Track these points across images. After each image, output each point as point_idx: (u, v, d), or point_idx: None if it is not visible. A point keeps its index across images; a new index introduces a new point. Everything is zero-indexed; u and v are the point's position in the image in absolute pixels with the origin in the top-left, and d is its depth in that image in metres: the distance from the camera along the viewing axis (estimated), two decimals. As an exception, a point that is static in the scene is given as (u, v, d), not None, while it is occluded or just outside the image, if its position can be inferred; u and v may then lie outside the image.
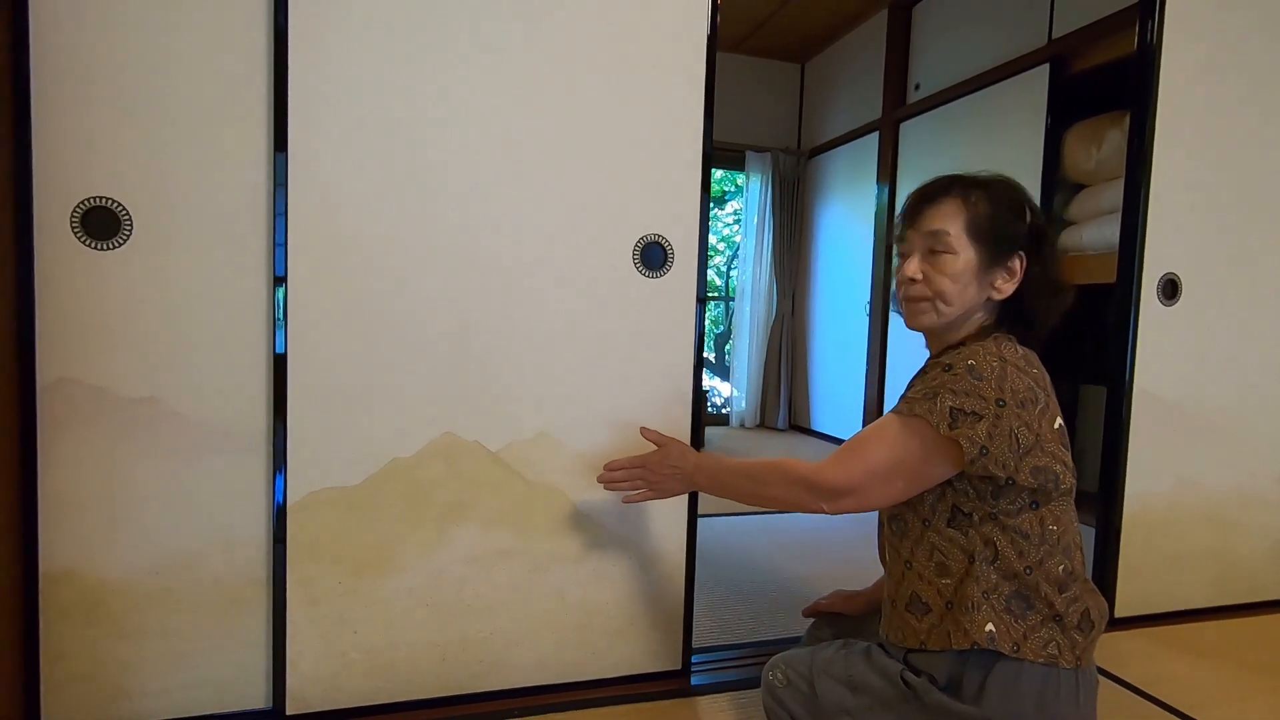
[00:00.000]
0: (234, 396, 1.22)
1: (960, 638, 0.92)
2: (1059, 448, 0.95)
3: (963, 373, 0.92)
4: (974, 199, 1.00)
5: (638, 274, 1.39)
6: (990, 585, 0.93)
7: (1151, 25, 1.72)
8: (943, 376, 0.94)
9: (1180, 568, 1.87)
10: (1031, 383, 0.94)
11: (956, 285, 1.00)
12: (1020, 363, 0.95)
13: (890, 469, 0.95)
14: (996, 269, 1.00)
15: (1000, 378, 0.92)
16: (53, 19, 1.11)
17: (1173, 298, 1.79)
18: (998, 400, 0.91)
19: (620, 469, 1.21)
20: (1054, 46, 2.90)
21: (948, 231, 1.00)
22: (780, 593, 1.97)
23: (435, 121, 1.27)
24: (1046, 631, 0.92)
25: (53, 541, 1.16)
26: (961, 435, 0.90)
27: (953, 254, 1.00)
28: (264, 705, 1.27)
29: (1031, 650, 0.91)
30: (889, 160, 3.90)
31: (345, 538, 1.27)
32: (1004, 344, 0.97)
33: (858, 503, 0.97)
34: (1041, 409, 0.94)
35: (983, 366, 0.93)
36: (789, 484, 1.02)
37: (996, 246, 0.99)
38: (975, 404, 0.91)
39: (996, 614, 0.92)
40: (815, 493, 0.99)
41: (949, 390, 0.92)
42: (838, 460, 0.99)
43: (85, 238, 1.15)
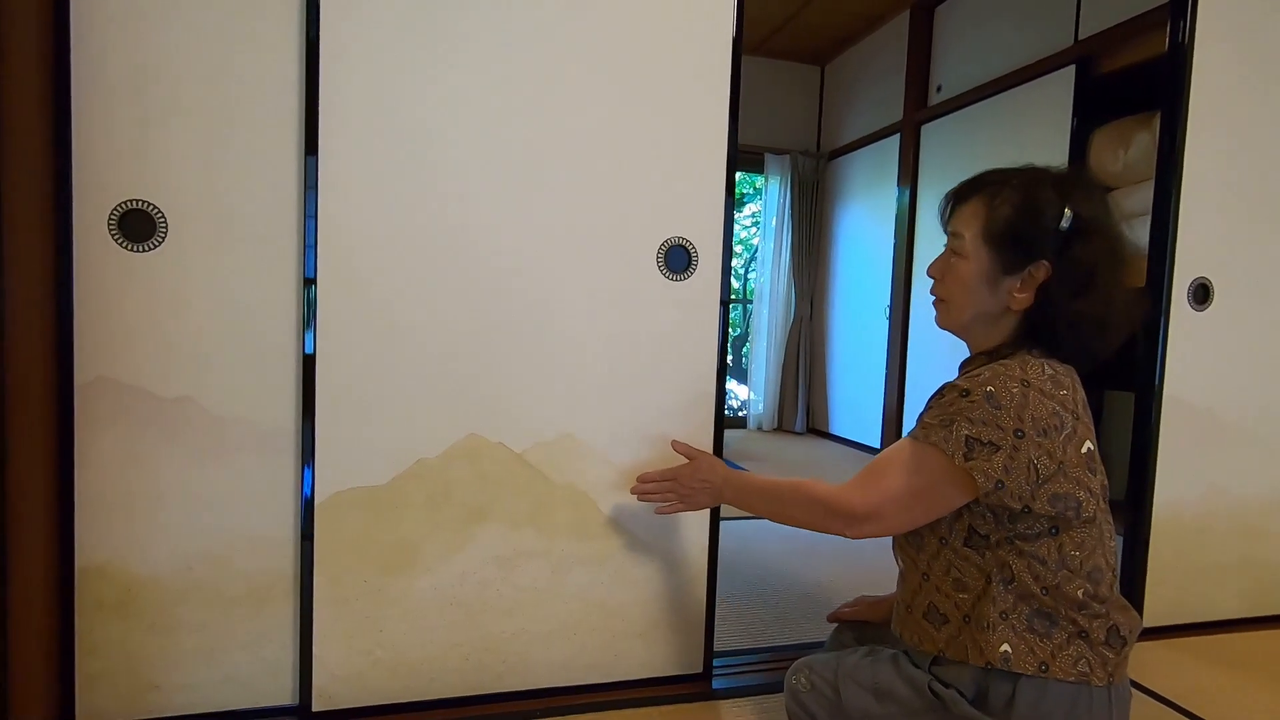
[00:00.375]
0: (264, 396, 1.24)
1: (975, 654, 0.91)
2: (1084, 473, 0.90)
3: (980, 400, 0.88)
4: (999, 200, 0.95)
5: (661, 277, 1.39)
6: (1008, 606, 0.90)
7: (1183, 24, 1.69)
8: (960, 403, 0.89)
9: (1210, 577, 1.83)
10: (1057, 407, 0.89)
11: (964, 291, 0.97)
12: (1046, 385, 0.90)
13: (907, 496, 0.93)
14: (1012, 277, 0.94)
15: (1020, 405, 0.87)
16: (92, 29, 1.13)
17: (1204, 302, 1.76)
18: (1016, 430, 0.87)
19: (652, 481, 1.22)
20: (1081, 47, 2.87)
21: (962, 235, 0.97)
22: (802, 597, 1.96)
23: (460, 126, 1.28)
24: (1075, 649, 0.89)
25: (89, 536, 1.19)
26: (976, 468, 0.87)
27: (964, 259, 0.97)
28: (290, 701, 1.29)
29: (1061, 669, 0.88)
30: (910, 162, 3.88)
31: (371, 537, 1.28)
32: (1030, 364, 0.91)
33: (877, 528, 0.96)
34: (1067, 435, 0.89)
35: (1001, 393, 0.88)
36: (810, 506, 1.01)
37: (1011, 253, 0.93)
38: (992, 434, 0.87)
39: (1017, 634, 0.89)
40: (834, 516, 0.98)
41: (965, 419, 0.88)
42: (857, 485, 0.97)
43: (122, 240, 1.17)
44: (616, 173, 1.35)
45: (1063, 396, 0.90)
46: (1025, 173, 0.96)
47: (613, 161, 1.35)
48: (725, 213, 1.41)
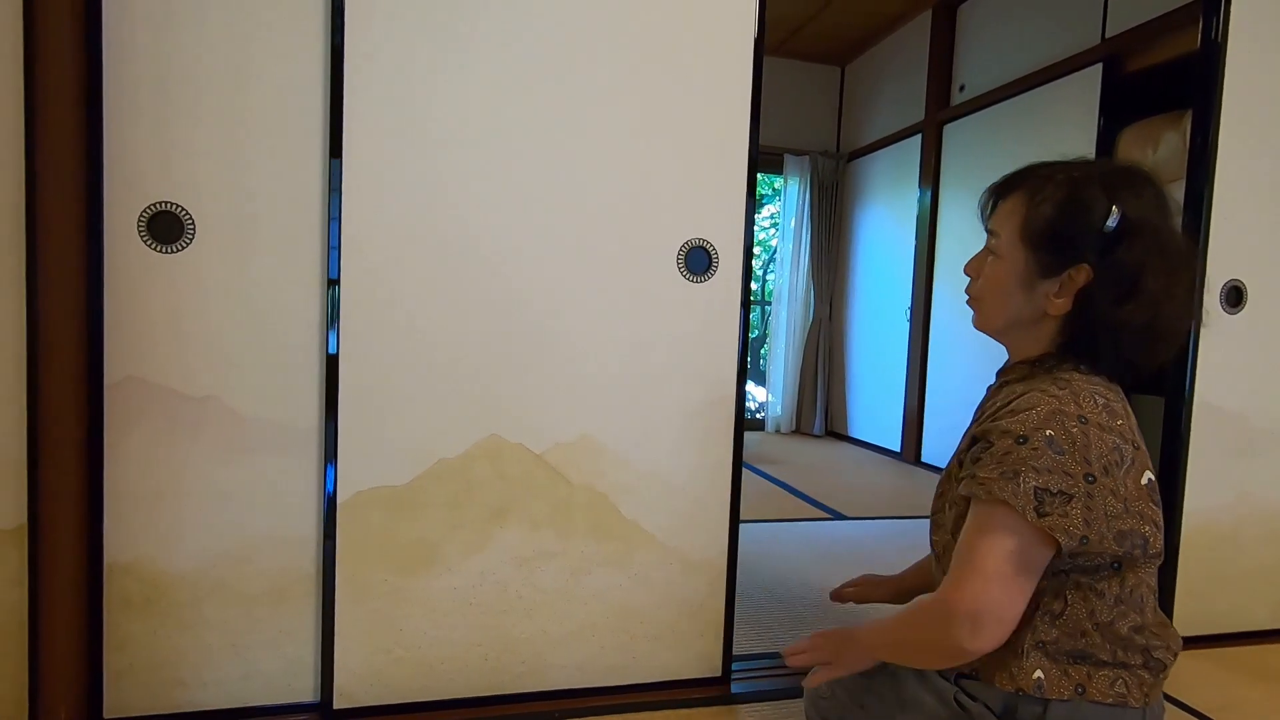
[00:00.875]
0: (288, 396, 1.25)
1: (1005, 679, 0.87)
2: (1148, 505, 0.83)
3: (1042, 446, 0.79)
4: (1041, 197, 0.88)
5: (682, 278, 1.38)
6: (1049, 639, 0.85)
7: (1216, 21, 1.66)
8: (1020, 450, 0.80)
9: (1242, 587, 1.79)
10: (1117, 440, 0.81)
11: (998, 293, 0.91)
12: (1102, 417, 0.82)
13: (1003, 568, 0.80)
14: (1049, 280, 0.87)
15: (1084, 447, 0.79)
16: (123, 36, 1.15)
17: (1237, 305, 1.72)
18: (1086, 476, 0.79)
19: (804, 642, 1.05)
20: (1108, 45, 2.82)
21: (999, 234, 0.91)
22: (822, 602, 1.94)
23: (481, 129, 1.28)
24: (1112, 672, 0.86)
25: (117, 534, 1.21)
26: (1055, 525, 0.78)
27: (1000, 259, 0.91)
28: (312, 699, 1.30)
29: (1099, 691, 0.85)
30: (932, 163, 3.84)
31: (392, 536, 1.29)
32: (1082, 393, 0.83)
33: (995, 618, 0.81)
34: (1128, 467, 0.81)
35: (1061, 436, 0.80)
36: (922, 616, 0.87)
37: (1049, 254, 0.86)
38: (1062, 482, 0.78)
39: (1054, 661, 0.85)
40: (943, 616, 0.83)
41: (1031, 468, 0.79)
42: (951, 581, 0.84)
43: (151, 241, 1.19)
44: (637, 174, 1.35)
45: (1120, 427, 0.83)
46: (1073, 167, 0.89)
47: (633, 163, 1.35)
48: (746, 214, 1.40)
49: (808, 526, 2.70)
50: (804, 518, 2.84)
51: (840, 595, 1.27)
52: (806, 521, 2.78)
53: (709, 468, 1.42)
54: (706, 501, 1.42)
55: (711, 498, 1.43)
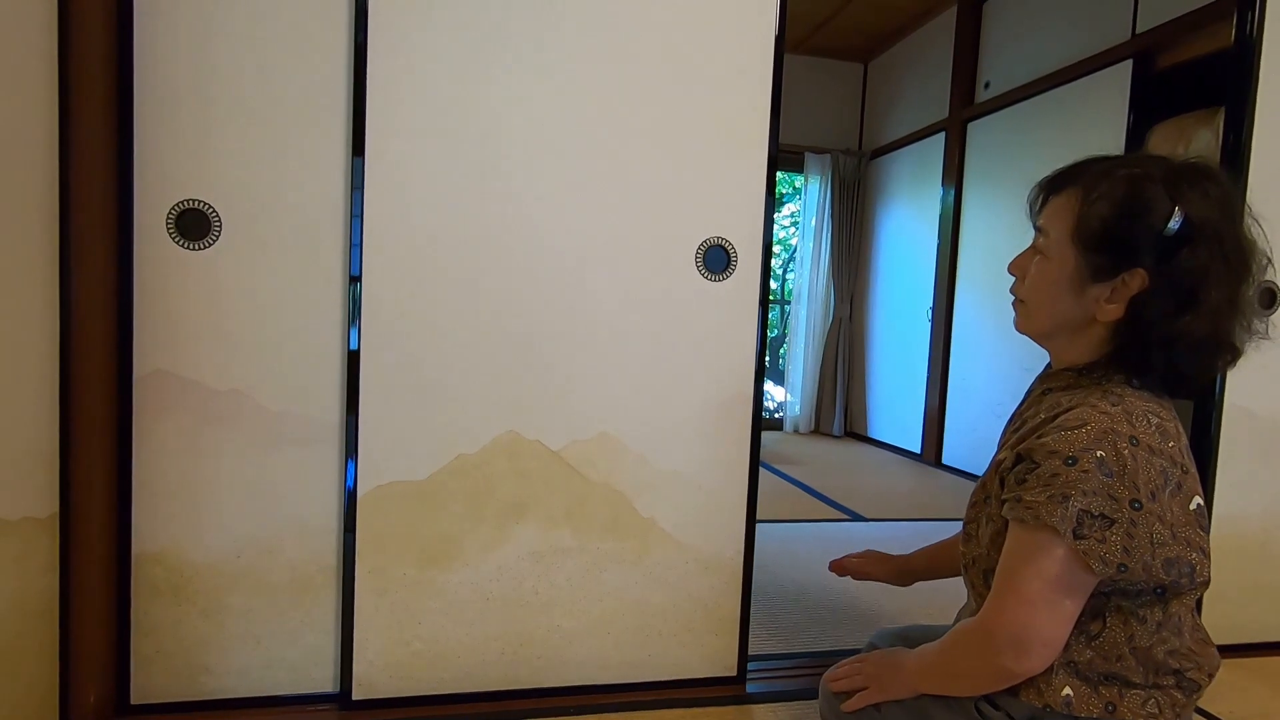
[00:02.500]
0: (310, 390, 1.27)
1: (1033, 695, 0.84)
2: (1195, 532, 0.79)
3: (1093, 470, 0.75)
4: (1096, 194, 0.81)
5: (700, 277, 1.38)
6: (1082, 660, 0.82)
7: (1251, 16, 1.62)
8: (1069, 473, 0.76)
9: (1274, 596, 1.75)
10: (1165, 464, 0.77)
11: (1044, 296, 0.86)
12: (1155, 439, 0.78)
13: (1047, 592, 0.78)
14: (1100, 285, 0.81)
15: (1134, 471, 0.75)
16: (154, 36, 1.18)
17: (1270, 307, 1.68)
18: (1132, 502, 0.75)
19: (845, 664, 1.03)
20: (1138, 42, 2.77)
21: (1048, 233, 0.85)
22: (838, 603, 1.93)
23: (501, 127, 1.29)
24: (1144, 691, 0.83)
25: (145, 524, 1.23)
26: (1090, 551, 0.75)
27: (1048, 259, 0.85)
28: (332, 689, 1.32)
29: (1130, 710, 0.82)
30: (955, 162, 3.79)
31: (411, 530, 1.30)
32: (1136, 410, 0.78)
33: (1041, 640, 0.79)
34: (1173, 490, 0.78)
35: (1112, 458, 0.75)
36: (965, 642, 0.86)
37: (1102, 257, 0.81)
38: (1105, 505, 0.75)
39: (1083, 680, 0.82)
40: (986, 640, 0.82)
41: (1080, 491, 0.75)
42: (992, 602, 0.83)
43: (179, 238, 1.21)
44: (656, 172, 1.35)
45: (1170, 449, 0.79)
46: (1133, 163, 0.83)
47: (652, 160, 1.35)
48: (765, 213, 1.40)
49: (826, 527, 2.69)
50: (822, 518, 2.83)
51: (840, 566, 1.25)
52: (825, 522, 2.77)
53: (726, 466, 1.42)
54: (723, 500, 1.42)
55: (728, 497, 1.42)
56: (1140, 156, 0.85)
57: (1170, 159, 0.82)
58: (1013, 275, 0.92)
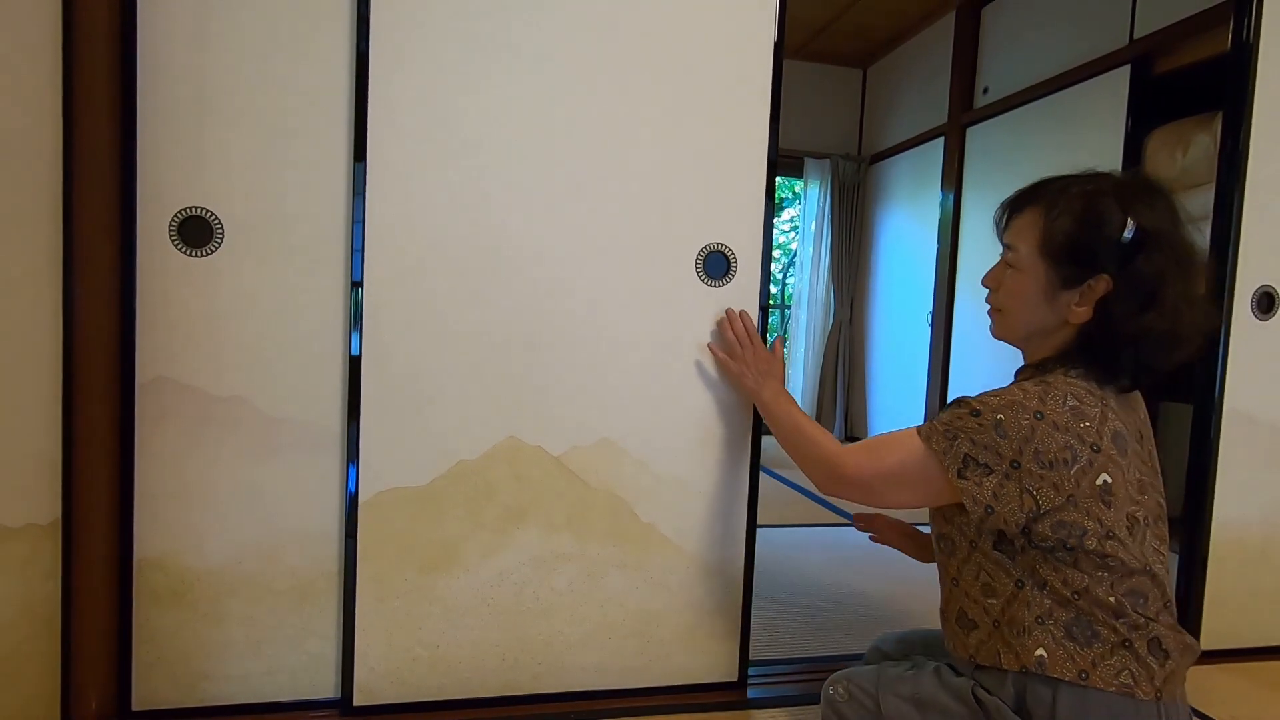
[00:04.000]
0: (311, 397, 1.27)
1: (1010, 659, 0.90)
2: (1096, 504, 0.86)
3: (989, 426, 0.88)
4: (1057, 211, 0.92)
5: (700, 283, 1.39)
6: (1044, 611, 0.88)
7: (1248, 22, 1.63)
8: (969, 421, 0.89)
9: (1274, 601, 1.75)
10: (1070, 440, 0.86)
11: (1019, 305, 0.96)
12: (1064, 418, 0.86)
13: (900, 479, 0.96)
14: (1070, 291, 0.91)
15: (1026, 439, 0.86)
16: (157, 45, 1.19)
17: (1269, 311, 1.68)
18: (1013, 461, 0.87)
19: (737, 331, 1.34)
20: (1136, 46, 2.78)
21: (1016, 248, 0.95)
22: (839, 608, 1.93)
23: (503, 133, 1.30)
24: (1118, 659, 0.86)
25: (147, 530, 1.24)
26: (966, 490, 0.89)
27: (1020, 272, 0.95)
28: (333, 695, 1.32)
29: (1102, 678, 0.86)
30: (955, 166, 3.80)
31: (412, 536, 1.31)
32: (1054, 392, 0.88)
33: (865, 499, 1.00)
34: (1081, 468, 0.86)
35: (1010, 424, 0.87)
36: (815, 453, 1.06)
37: (1069, 267, 0.90)
38: (989, 458, 0.87)
39: (1055, 640, 0.87)
40: (830, 475, 1.03)
41: (969, 439, 0.89)
42: (857, 453, 1.00)
43: (181, 245, 1.22)
44: (656, 178, 1.36)
45: (1083, 429, 0.87)
46: (1085, 180, 0.93)
47: (652, 167, 1.36)
48: (765, 219, 1.40)
49: (826, 532, 2.69)
50: (823, 523, 2.83)
51: (866, 521, 1.33)
52: (825, 527, 2.76)
53: (727, 472, 1.42)
54: (724, 505, 1.43)
55: (729, 502, 1.43)
56: (1092, 174, 0.93)
57: (1116, 175, 0.93)
58: (987, 288, 1.02)
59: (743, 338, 1.33)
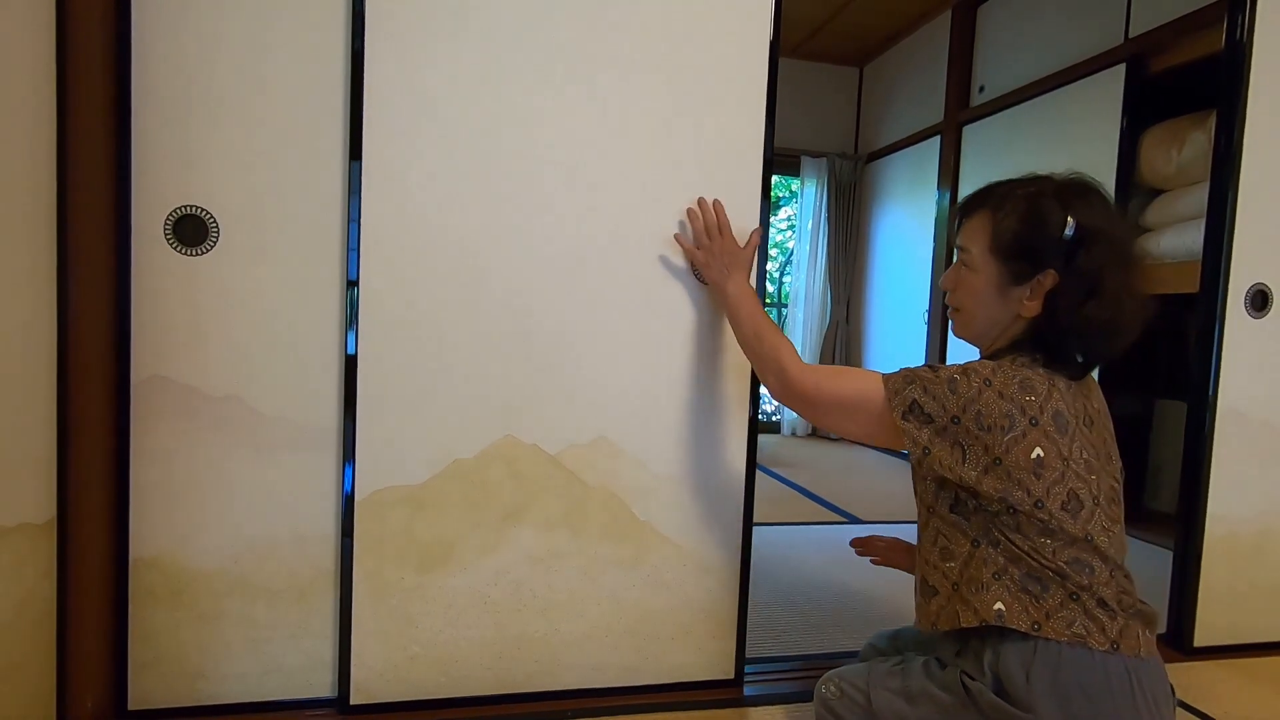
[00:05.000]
0: (308, 396, 1.27)
1: (969, 615, 0.93)
2: (1028, 477, 0.91)
3: (943, 381, 0.95)
4: (1004, 213, 0.98)
5: (697, 281, 1.39)
6: (999, 567, 0.93)
7: (1242, 20, 1.63)
8: (927, 374, 0.97)
9: (1268, 598, 1.76)
10: (1011, 408, 0.92)
11: (975, 302, 1.02)
12: (1010, 388, 0.93)
13: (850, 408, 1.01)
14: (1021, 286, 0.98)
15: (971, 400, 0.93)
16: (151, 43, 1.18)
17: (1263, 309, 1.69)
18: (954, 417, 0.94)
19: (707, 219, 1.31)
20: (1131, 45, 2.78)
21: (969, 250, 1.02)
22: (835, 606, 1.93)
23: (499, 131, 1.30)
24: (1068, 612, 0.90)
25: (143, 529, 1.23)
26: (907, 431, 0.96)
27: (974, 271, 1.01)
28: (330, 694, 1.32)
29: (1054, 629, 0.89)
30: (951, 165, 3.81)
31: (409, 534, 1.31)
32: (1003, 368, 0.95)
33: (811, 416, 1.08)
34: (1015, 437, 0.92)
35: (963, 385, 0.94)
36: (775, 361, 1.11)
37: (1019, 264, 0.97)
38: (934, 408, 0.95)
39: (1011, 594, 0.92)
40: (785, 386, 1.08)
41: (922, 387, 0.96)
42: (818, 372, 1.06)
43: (176, 244, 1.22)
44: (652, 176, 1.36)
45: (1027, 401, 0.93)
46: (1028, 184, 0.99)
47: (649, 164, 1.36)
48: (761, 216, 1.40)
49: (823, 530, 2.69)
50: (819, 521, 2.83)
51: (866, 545, 1.33)
52: (822, 525, 2.77)
53: (723, 470, 1.42)
54: (720, 504, 1.43)
55: (725, 500, 1.43)
56: (1034, 178, 1.00)
57: (1058, 177, 0.99)
58: (945, 289, 1.08)
59: (711, 227, 1.31)
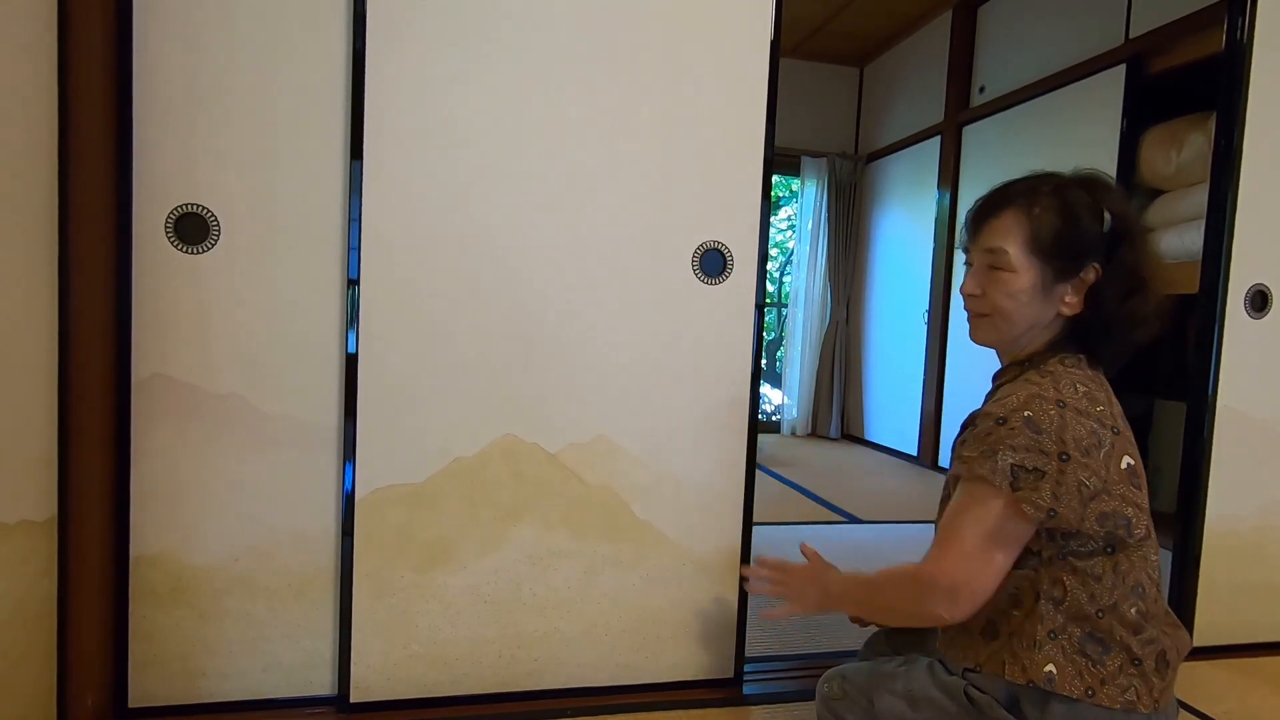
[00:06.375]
0: (308, 394, 1.27)
1: (1016, 671, 0.88)
2: (1129, 489, 0.88)
3: (1020, 427, 0.86)
4: (1038, 209, 0.93)
5: (697, 281, 1.39)
6: (1057, 626, 0.88)
7: (1242, 22, 1.64)
8: (999, 431, 0.87)
9: (1267, 597, 1.76)
10: (1094, 425, 0.87)
11: (1015, 304, 0.95)
12: (1082, 404, 0.88)
13: (982, 543, 0.87)
14: (1063, 284, 0.93)
15: (1060, 428, 0.85)
16: (152, 44, 1.18)
17: (1262, 310, 1.69)
18: (1060, 454, 0.85)
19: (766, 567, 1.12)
20: (1131, 46, 2.79)
21: (1005, 250, 0.94)
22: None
23: (499, 132, 1.30)
24: (1125, 678, 0.87)
25: (143, 527, 1.23)
26: (1025, 498, 0.85)
27: (1012, 272, 0.94)
28: (330, 692, 1.32)
29: (1108, 697, 0.86)
30: (951, 165, 3.81)
31: (409, 533, 1.31)
32: (1063, 380, 0.89)
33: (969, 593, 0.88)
34: (1107, 451, 0.87)
35: (1040, 417, 0.86)
36: (902, 583, 0.94)
37: (1062, 261, 0.92)
38: (1036, 459, 0.85)
39: (1066, 656, 0.87)
40: (927, 592, 0.90)
41: (1008, 446, 0.86)
42: (933, 551, 0.92)
43: (177, 242, 1.22)
44: (653, 176, 1.36)
45: (1100, 413, 0.89)
46: (1051, 179, 0.96)
47: (649, 165, 1.36)
48: (761, 217, 1.41)
49: (822, 529, 2.69)
50: (819, 520, 2.83)
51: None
52: (821, 524, 2.77)
53: (723, 469, 1.43)
54: (720, 503, 1.43)
55: (725, 499, 1.43)
56: (1049, 173, 0.97)
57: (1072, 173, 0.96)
58: (970, 295, 1.00)
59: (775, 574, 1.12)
